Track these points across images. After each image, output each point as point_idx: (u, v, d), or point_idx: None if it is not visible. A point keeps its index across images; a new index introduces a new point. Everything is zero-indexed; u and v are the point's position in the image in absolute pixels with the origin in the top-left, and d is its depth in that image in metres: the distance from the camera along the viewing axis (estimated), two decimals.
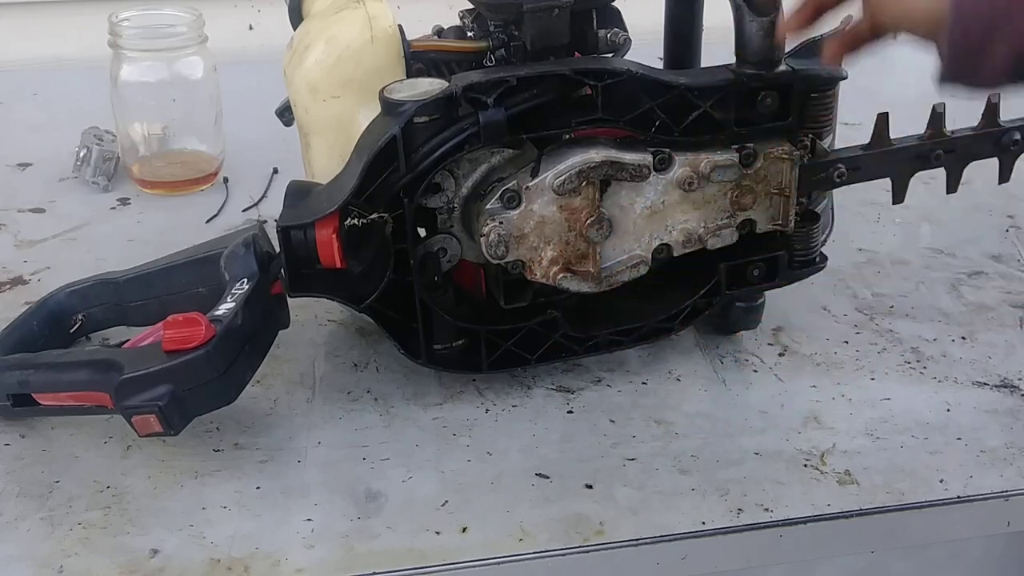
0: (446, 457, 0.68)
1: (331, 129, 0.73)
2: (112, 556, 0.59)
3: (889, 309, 0.85)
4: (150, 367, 0.61)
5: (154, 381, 0.61)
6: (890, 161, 0.73)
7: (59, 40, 1.37)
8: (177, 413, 0.61)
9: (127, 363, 0.62)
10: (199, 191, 1.01)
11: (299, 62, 0.72)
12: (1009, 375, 0.77)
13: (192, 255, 0.73)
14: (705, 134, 0.69)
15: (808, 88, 0.70)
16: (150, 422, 0.61)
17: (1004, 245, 0.94)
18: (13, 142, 1.11)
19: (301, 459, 0.67)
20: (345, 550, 0.61)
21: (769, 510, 0.65)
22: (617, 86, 0.67)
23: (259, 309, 0.67)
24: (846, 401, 0.74)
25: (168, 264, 0.73)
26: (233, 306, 0.65)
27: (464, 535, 0.62)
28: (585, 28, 0.72)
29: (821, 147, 0.71)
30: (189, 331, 0.61)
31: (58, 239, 0.93)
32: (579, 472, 0.67)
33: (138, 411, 0.60)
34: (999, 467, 0.69)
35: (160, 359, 0.61)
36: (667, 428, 0.71)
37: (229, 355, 0.63)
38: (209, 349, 0.61)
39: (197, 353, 0.61)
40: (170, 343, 0.61)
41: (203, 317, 0.62)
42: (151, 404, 0.60)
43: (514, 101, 0.66)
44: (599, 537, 0.62)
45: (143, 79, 0.98)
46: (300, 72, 0.72)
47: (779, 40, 0.68)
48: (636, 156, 0.67)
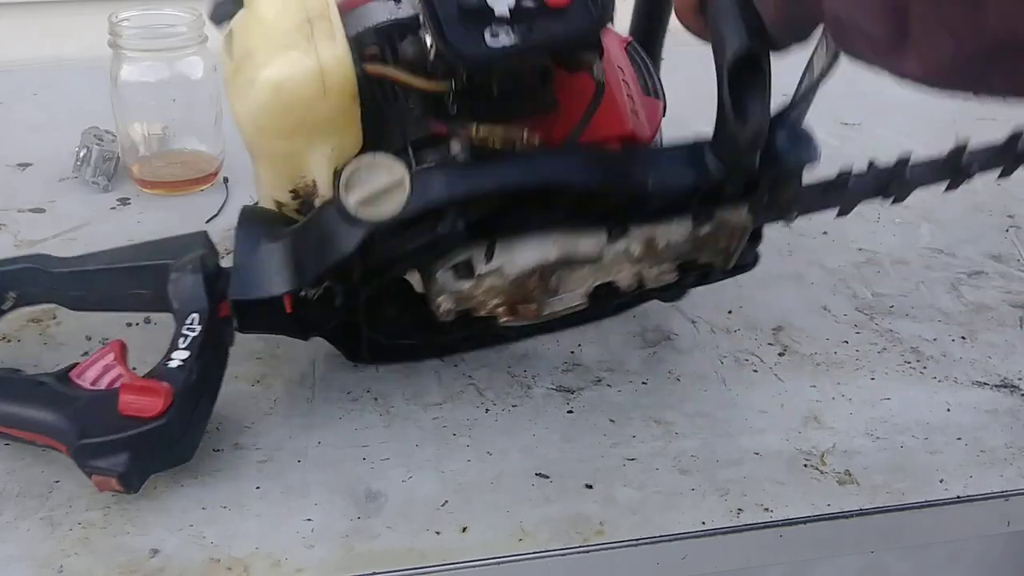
0: (446, 457, 0.68)
1: (278, 160, 0.68)
2: (112, 556, 0.59)
3: (889, 309, 0.85)
4: (109, 435, 0.61)
5: (113, 449, 0.60)
6: (848, 198, 0.72)
7: (59, 40, 1.37)
8: (136, 476, 0.61)
9: (85, 421, 0.61)
10: (199, 191, 1.01)
11: (243, 93, 0.65)
12: (1009, 375, 0.77)
13: (135, 260, 0.71)
14: (666, 214, 0.67)
15: (779, 178, 0.67)
16: (110, 483, 0.61)
17: (1004, 245, 0.94)
18: (13, 142, 1.11)
19: (301, 459, 0.67)
20: (345, 550, 0.61)
21: (769, 510, 0.65)
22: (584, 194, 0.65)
23: (212, 351, 0.66)
24: (846, 401, 0.74)
25: (109, 264, 0.71)
26: (187, 356, 0.64)
27: (464, 535, 0.62)
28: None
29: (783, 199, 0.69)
30: (148, 400, 0.61)
31: (58, 239, 0.92)
32: (579, 472, 0.67)
33: (98, 472, 0.61)
34: (999, 467, 0.69)
35: (118, 423, 0.61)
36: (667, 428, 0.71)
37: (187, 416, 0.63)
38: (168, 419, 0.61)
39: (156, 423, 0.61)
40: (128, 408, 0.61)
41: (161, 386, 0.61)
42: (111, 470, 0.60)
43: (476, 210, 0.63)
44: (599, 537, 0.62)
45: (143, 79, 0.98)
46: (245, 105, 0.66)
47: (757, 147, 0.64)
48: (591, 242, 0.66)
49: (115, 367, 0.65)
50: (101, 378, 0.65)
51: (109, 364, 0.65)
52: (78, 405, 0.62)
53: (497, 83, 0.64)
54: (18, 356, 0.75)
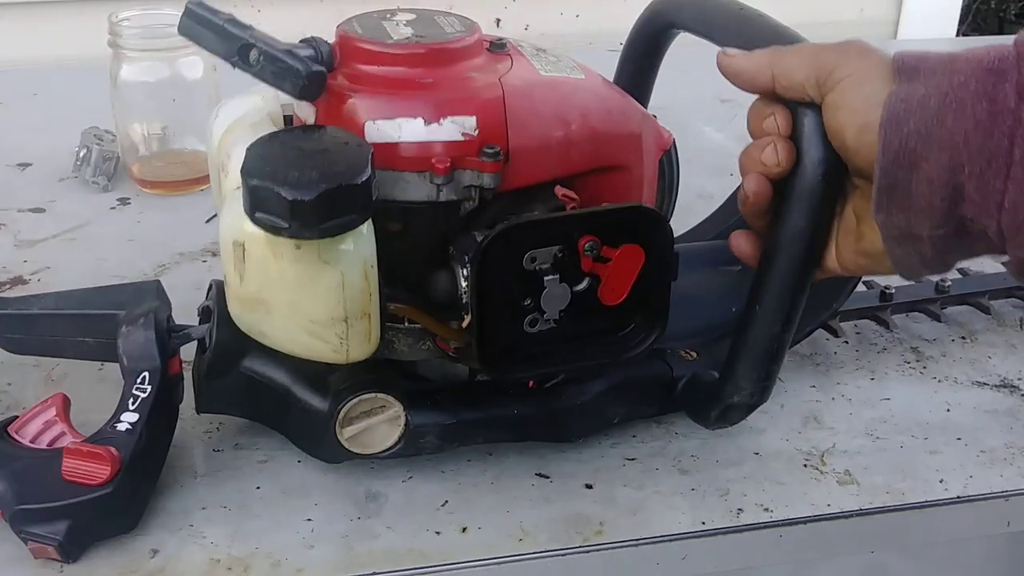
0: (446, 457, 0.68)
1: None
2: (112, 556, 0.59)
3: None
4: (49, 501, 0.58)
5: (53, 516, 0.58)
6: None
7: (59, 40, 1.37)
8: (76, 545, 0.58)
9: (23, 485, 0.58)
10: (199, 191, 1.01)
11: (250, 311, 0.60)
12: (1009, 375, 0.77)
13: (83, 307, 0.68)
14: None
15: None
16: (47, 551, 0.58)
17: None
18: (13, 142, 1.11)
19: (301, 459, 0.67)
20: (345, 550, 0.61)
21: (769, 510, 0.65)
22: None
23: (162, 412, 0.63)
24: (846, 401, 0.74)
25: (54, 311, 0.68)
26: (136, 419, 0.61)
27: (464, 535, 0.62)
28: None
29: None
30: (93, 466, 0.58)
31: (58, 239, 0.92)
32: (579, 472, 0.67)
33: (35, 540, 0.58)
34: (999, 467, 0.69)
35: (59, 489, 0.58)
36: (667, 428, 0.71)
37: (133, 485, 0.60)
38: (114, 488, 0.58)
39: (101, 492, 0.58)
40: (71, 474, 0.58)
41: (108, 452, 0.58)
42: (50, 538, 0.57)
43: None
44: (599, 537, 0.62)
45: (143, 79, 0.98)
46: (245, 318, 0.60)
47: None
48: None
49: (56, 423, 0.62)
50: (42, 435, 0.62)
51: (50, 420, 0.62)
52: (16, 467, 0.59)
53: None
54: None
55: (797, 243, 0.57)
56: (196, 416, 0.68)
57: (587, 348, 0.62)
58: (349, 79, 0.60)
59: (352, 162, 0.54)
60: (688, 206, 0.84)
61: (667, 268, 0.61)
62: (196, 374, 0.66)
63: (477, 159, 0.58)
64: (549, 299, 0.59)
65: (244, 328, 0.61)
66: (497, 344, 0.60)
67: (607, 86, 0.66)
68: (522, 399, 0.66)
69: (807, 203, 0.56)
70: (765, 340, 0.59)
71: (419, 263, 0.61)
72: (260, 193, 0.52)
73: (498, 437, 0.67)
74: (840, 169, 0.55)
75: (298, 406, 0.64)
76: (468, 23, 0.63)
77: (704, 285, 0.74)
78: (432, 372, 0.67)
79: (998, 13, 2.70)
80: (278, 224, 0.53)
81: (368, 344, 0.59)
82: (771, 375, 0.61)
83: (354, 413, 0.62)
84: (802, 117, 0.55)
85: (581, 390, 0.66)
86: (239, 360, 0.64)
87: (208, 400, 0.66)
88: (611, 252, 0.59)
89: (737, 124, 1.14)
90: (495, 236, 0.57)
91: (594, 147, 0.62)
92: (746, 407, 0.63)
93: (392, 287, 0.60)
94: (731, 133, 1.15)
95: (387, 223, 0.59)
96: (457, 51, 0.61)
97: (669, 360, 0.69)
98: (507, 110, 0.59)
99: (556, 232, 0.59)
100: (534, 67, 0.63)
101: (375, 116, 0.58)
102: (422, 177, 0.58)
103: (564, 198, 0.61)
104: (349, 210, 0.54)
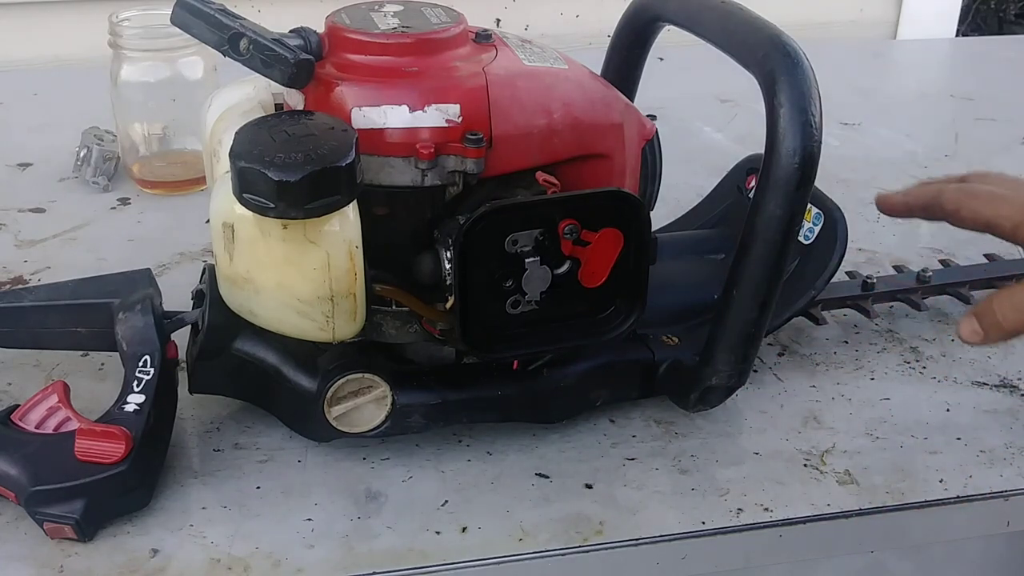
0: (446, 457, 0.68)
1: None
2: (112, 556, 0.59)
3: (889, 309, 0.85)
4: (64, 481, 0.59)
5: (69, 495, 0.58)
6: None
7: (59, 40, 1.37)
8: (91, 523, 0.59)
9: (37, 467, 0.59)
10: (199, 191, 1.01)
11: (239, 290, 0.61)
12: (1009, 375, 0.77)
13: (75, 298, 0.68)
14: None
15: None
16: (63, 530, 0.59)
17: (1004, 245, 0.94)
18: (13, 142, 1.11)
19: (301, 459, 0.67)
20: (345, 550, 0.61)
21: (769, 510, 0.65)
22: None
23: (166, 394, 0.65)
24: (846, 401, 0.74)
25: (46, 302, 0.69)
26: (143, 400, 0.62)
27: (464, 535, 0.62)
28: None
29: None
30: (108, 445, 0.59)
31: (58, 239, 0.93)
32: (579, 472, 0.67)
33: (51, 520, 0.59)
34: (999, 467, 0.69)
35: (74, 469, 0.59)
36: (667, 428, 0.71)
37: (146, 462, 0.61)
38: (128, 465, 0.59)
39: (117, 470, 0.59)
40: (86, 454, 0.59)
41: (121, 431, 0.59)
42: (67, 517, 0.58)
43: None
44: (599, 537, 0.62)
45: (143, 79, 0.98)
46: (233, 298, 0.62)
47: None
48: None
49: (60, 409, 0.62)
50: (47, 420, 0.62)
51: (54, 406, 0.62)
52: (27, 451, 0.60)
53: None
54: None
55: (773, 230, 0.60)
56: (196, 416, 0.68)
57: (568, 329, 0.64)
58: (337, 67, 0.61)
59: (337, 145, 0.55)
60: (688, 205, 0.84)
61: (646, 251, 0.63)
62: (189, 356, 0.67)
63: (461, 145, 0.59)
64: (530, 281, 0.61)
65: (234, 307, 0.62)
66: (480, 325, 0.61)
67: (590, 77, 0.66)
68: (506, 380, 0.67)
69: (783, 191, 0.59)
70: (742, 324, 0.62)
71: (405, 246, 0.62)
72: (248, 175, 0.54)
73: (482, 417, 0.67)
74: (815, 158, 0.56)
75: (288, 386, 0.65)
76: (454, 14, 0.64)
77: (687, 273, 0.76)
78: (419, 356, 0.68)
79: (998, 13, 2.70)
80: (265, 204, 0.54)
81: (354, 323, 0.60)
82: (748, 358, 0.64)
83: (342, 393, 0.63)
84: (778, 108, 0.56)
85: (564, 372, 0.67)
86: (231, 341, 0.65)
87: (201, 380, 0.67)
88: (591, 236, 0.60)
89: (737, 124, 1.15)
90: (476, 218, 0.58)
91: (576, 135, 0.63)
92: (725, 389, 0.66)
93: (379, 269, 0.61)
94: (731, 133, 1.16)
95: (373, 207, 0.60)
96: (442, 41, 0.62)
97: (651, 345, 0.70)
98: (490, 98, 0.60)
99: (537, 215, 0.60)
100: (518, 57, 0.64)
101: (361, 103, 0.59)
102: (407, 162, 0.59)
103: (545, 183, 0.62)
104: (334, 191, 0.55)
